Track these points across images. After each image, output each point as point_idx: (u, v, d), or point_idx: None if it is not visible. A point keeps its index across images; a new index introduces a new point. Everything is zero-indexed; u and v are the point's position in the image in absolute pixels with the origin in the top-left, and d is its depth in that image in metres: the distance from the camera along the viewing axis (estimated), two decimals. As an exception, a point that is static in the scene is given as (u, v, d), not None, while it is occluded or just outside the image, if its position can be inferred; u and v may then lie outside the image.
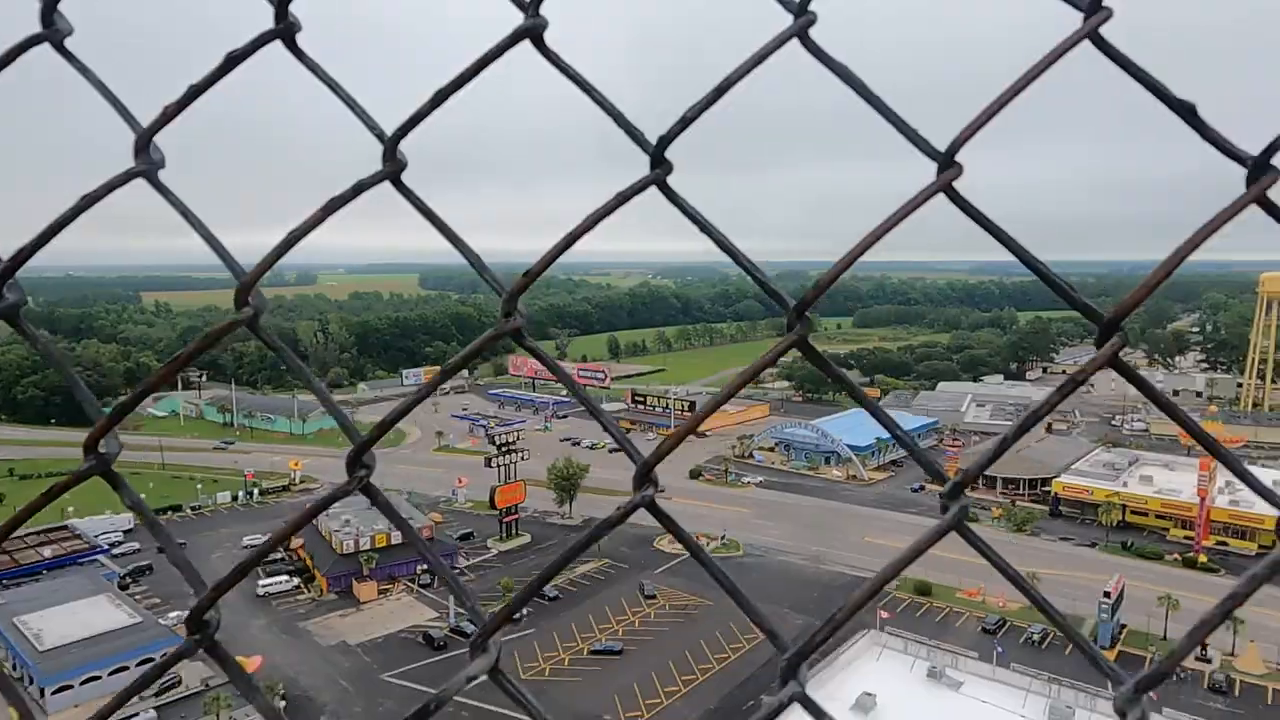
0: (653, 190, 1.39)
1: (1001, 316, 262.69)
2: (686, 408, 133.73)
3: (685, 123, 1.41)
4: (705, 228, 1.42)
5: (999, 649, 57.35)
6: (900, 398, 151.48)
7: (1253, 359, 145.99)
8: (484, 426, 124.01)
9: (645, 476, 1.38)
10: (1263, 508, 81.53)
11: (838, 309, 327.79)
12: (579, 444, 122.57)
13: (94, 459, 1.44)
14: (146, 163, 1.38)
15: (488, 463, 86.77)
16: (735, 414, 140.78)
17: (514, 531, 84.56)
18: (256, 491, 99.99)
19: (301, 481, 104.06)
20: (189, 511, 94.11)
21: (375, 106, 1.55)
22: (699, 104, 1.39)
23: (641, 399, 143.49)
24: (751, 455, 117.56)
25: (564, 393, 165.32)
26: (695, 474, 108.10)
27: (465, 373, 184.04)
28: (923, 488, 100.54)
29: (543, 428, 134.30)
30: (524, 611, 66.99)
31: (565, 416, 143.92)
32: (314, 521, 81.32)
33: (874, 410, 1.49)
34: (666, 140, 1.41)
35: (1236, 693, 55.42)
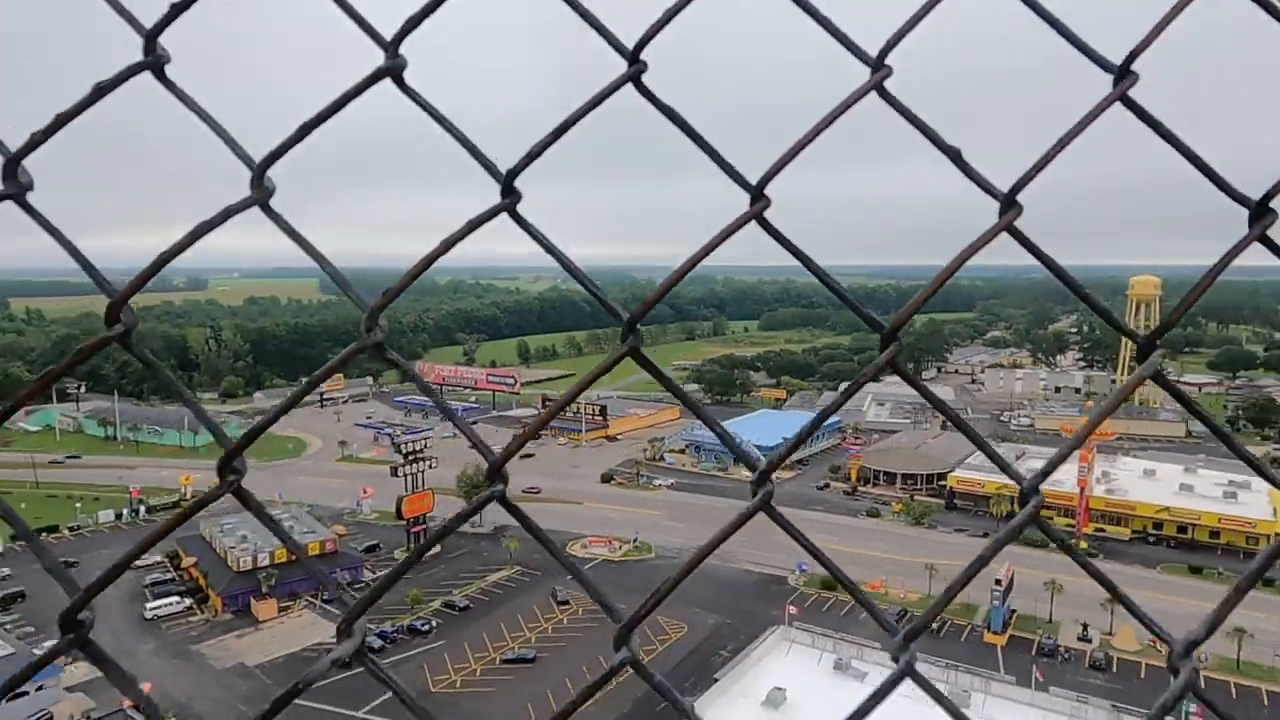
0: (560, 199, 1.53)
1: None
2: (597, 412, 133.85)
3: (531, 157, 1.55)
4: (551, 250, 1.56)
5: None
6: (805, 398, 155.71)
7: (1124, 357, 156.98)
8: (389, 435, 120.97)
9: (496, 472, 1.51)
10: (1134, 495, 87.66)
11: (745, 313, 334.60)
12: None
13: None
14: (15, 187, 1.39)
15: (394, 472, 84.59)
16: (646, 418, 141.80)
17: (422, 542, 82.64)
18: (143, 509, 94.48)
19: (192, 496, 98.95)
20: (67, 533, 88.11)
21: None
22: (543, 140, 1.53)
23: (551, 404, 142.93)
24: (662, 458, 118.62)
25: (474, 398, 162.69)
26: (607, 478, 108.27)
27: (370, 380, 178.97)
28: (827, 485, 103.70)
29: (451, 435, 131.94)
30: (432, 622, 65.70)
31: (475, 423, 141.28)
32: (208, 539, 77.58)
33: (701, 414, 1.65)
34: (514, 173, 1.56)
35: (1114, 669, 59.43)
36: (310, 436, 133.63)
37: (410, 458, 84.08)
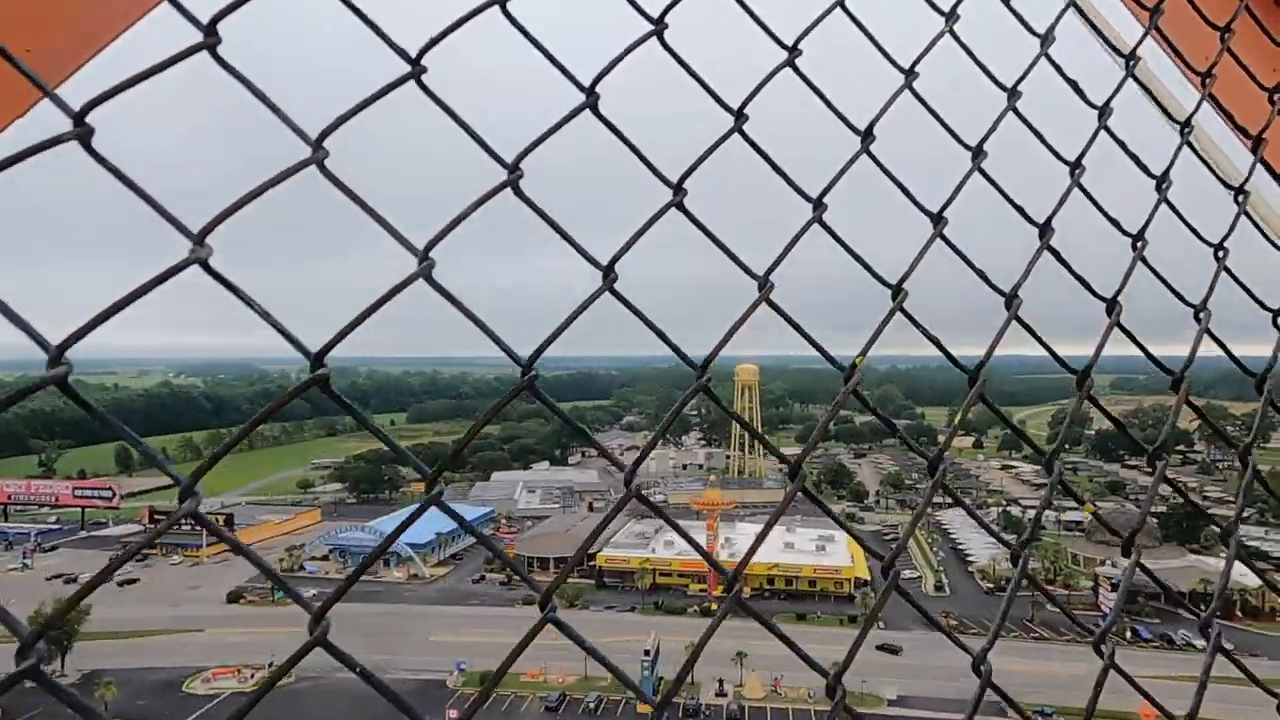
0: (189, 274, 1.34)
1: (543, 407, 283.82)
2: (223, 522, 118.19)
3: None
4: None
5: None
6: (458, 489, 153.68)
7: (735, 435, 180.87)
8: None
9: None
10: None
11: (391, 405, 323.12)
12: (75, 580, 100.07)
13: None
14: None
15: (-69, 623, 65.69)
16: (282, 523, 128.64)
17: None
18: None
19: None
20: None
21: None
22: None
23: (163, 517, 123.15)
24: (303, 567, 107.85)
25: (53, 519, 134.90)
26: (234, 597, 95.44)
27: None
28: (482, 578, 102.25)
29: (20, 566, 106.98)
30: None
31: (54, 548, 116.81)
32: None
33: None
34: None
35: (746, 716, 65.77)
36: None
37: (-43, 602, 66.09)
